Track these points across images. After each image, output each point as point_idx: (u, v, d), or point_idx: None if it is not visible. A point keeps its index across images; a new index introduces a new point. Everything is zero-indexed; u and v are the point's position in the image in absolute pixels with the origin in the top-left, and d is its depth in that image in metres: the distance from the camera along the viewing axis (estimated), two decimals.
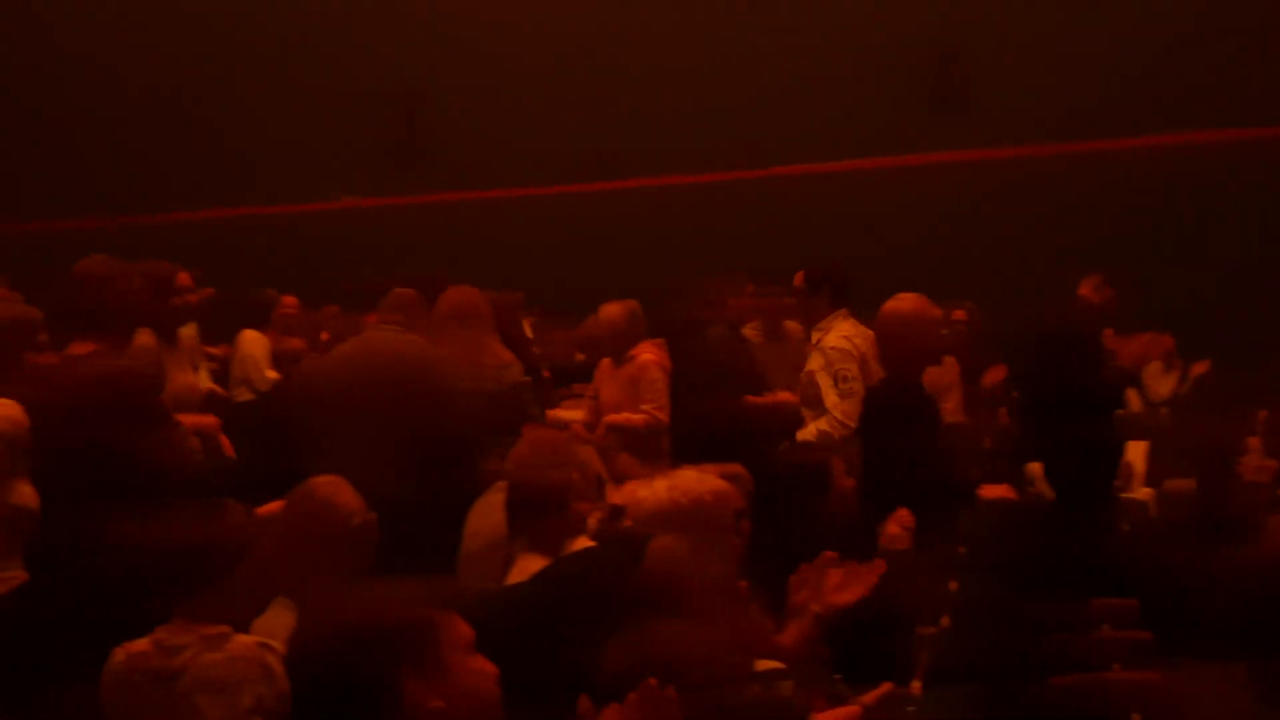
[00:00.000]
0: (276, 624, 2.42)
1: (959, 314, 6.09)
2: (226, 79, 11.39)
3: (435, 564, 2.85)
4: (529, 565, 2.70)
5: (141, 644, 2.04)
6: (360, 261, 8.54)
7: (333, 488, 2.63)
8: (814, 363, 4.69)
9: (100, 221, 10.94)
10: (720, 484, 2.91)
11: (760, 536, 2.90)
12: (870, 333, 4.48)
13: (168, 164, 11.28)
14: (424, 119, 11.26)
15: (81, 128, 11.39)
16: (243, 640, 2.07)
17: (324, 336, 6.45)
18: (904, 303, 4.04)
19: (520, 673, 1.82)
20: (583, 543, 2.74)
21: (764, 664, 2.43)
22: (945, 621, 3.07)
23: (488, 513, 3.00)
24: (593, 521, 2.80)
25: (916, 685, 2.90)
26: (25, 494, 2.74)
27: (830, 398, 4.56)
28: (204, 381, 5.33)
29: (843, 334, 4.72)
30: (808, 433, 4.58)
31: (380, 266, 7.08)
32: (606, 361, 5.48)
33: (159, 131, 11.35)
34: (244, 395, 6.13)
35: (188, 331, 5.29)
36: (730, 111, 10.49)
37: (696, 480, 2.89)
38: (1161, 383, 7.09)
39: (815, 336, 4.88)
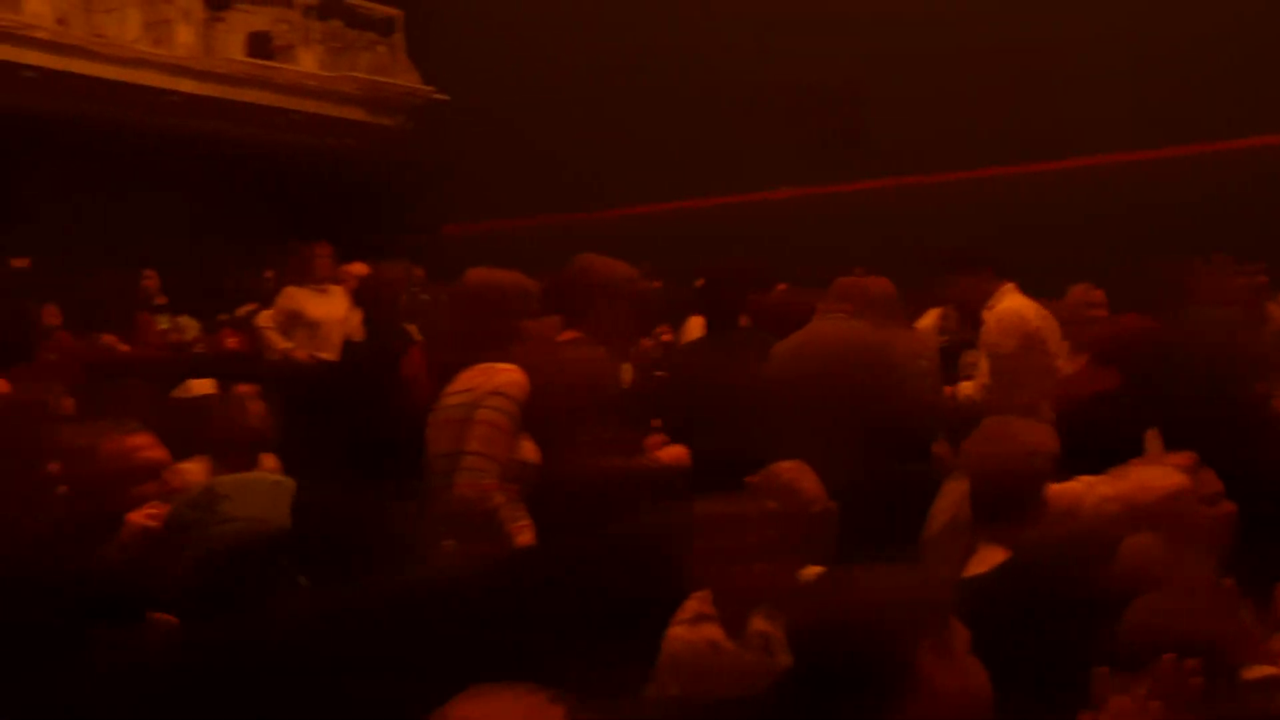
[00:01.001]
0: None
1: None
2: (668, 76, 11.76)
3: (893, 553, 2.84)
4: (990, 556, 2.64)
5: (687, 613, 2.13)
6: (800, 250, 8.64)
7: (796, 474, 2.68)
8: None
9: (550, 219, 11.64)
10: (1181, 479, 2.73)
11: (1243, 535, 2.71)
12: None
13: (612, 161, 11.77)
14: (862, 107, 11.23)
15: (529, 127, 12.05)
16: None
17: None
18: None
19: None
20: (1041, 536, 2.66)
21: (1257, 670, 2.26)
22: None
23: (945, 500, 2.96)
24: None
25: None
26: (529, 450, 3.06)
27: None
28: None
29: None
30: None
31: (820, 255, 7.13)
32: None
33: (604, 128, 11.85)
34: None
35: None
36: (1160, 90, 9.91)
37: (1158, 475, 2.73)
38: None
39: None
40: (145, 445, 2.76)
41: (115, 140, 10.54)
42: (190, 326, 8.94)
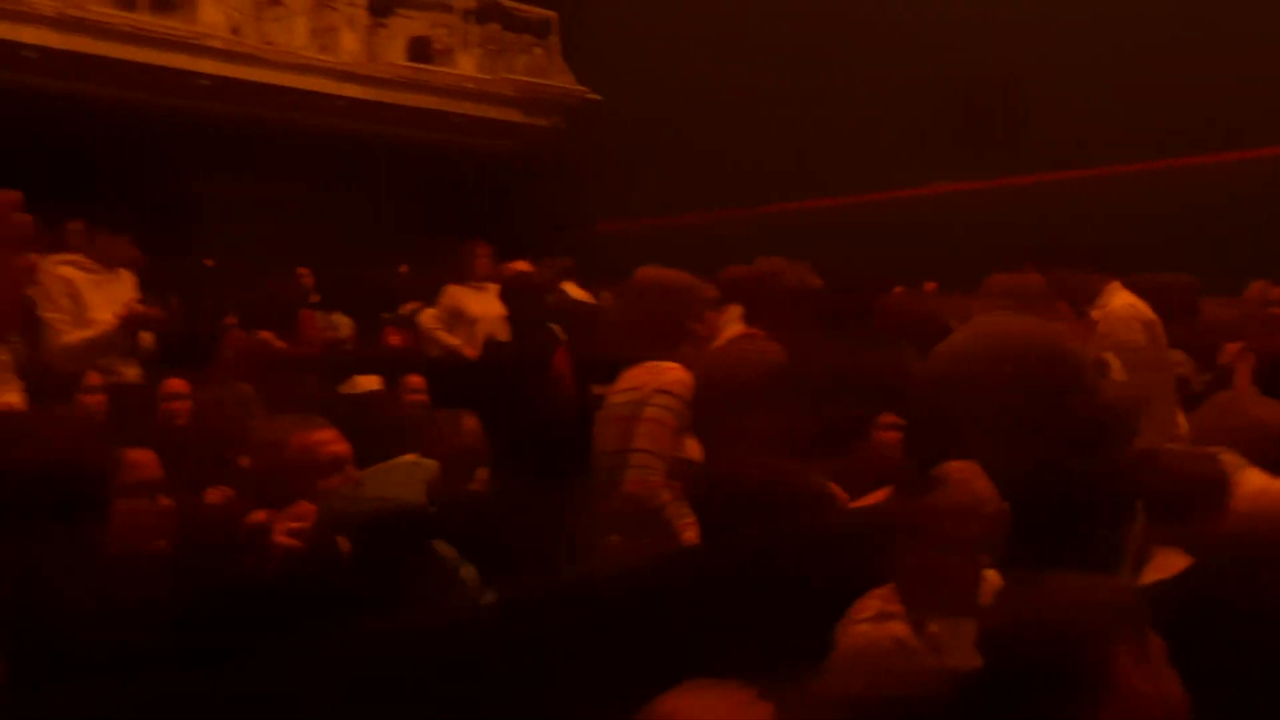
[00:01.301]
0: None
1: None
2: (820, 71, 11.68)
3: (1066, 556, 2.78)
4: (1170, 562, 2.57)
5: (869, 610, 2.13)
6: (955, 245, 8.52)
7: (968, 473, 2.63)
8: None
9: (704, 216, 11.66)
10: None
11: None
12: None
13: (764, 157, 11.74)
14: (1015, 99, 10.99)
15: (682, 125, 12.08)
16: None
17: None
18: None
19: None
20: (1225, 540, 2.58)
21: None
22: None
23: None
24: None
25: None
26: (693, 448, 3.08)
27: None
28: None
29: None
30: None
31: (973, 250, 7.02)
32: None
33: (756, 125, 11.82)
34: None
35: None
36: None
37: None
38: None
39: None
40: (330, 440, 2.84)
41: (282, 143, 10.90)
42: (343, 324, 9.17)
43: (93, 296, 5.31)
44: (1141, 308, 4.60)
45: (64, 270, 5.34)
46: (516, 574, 2.83)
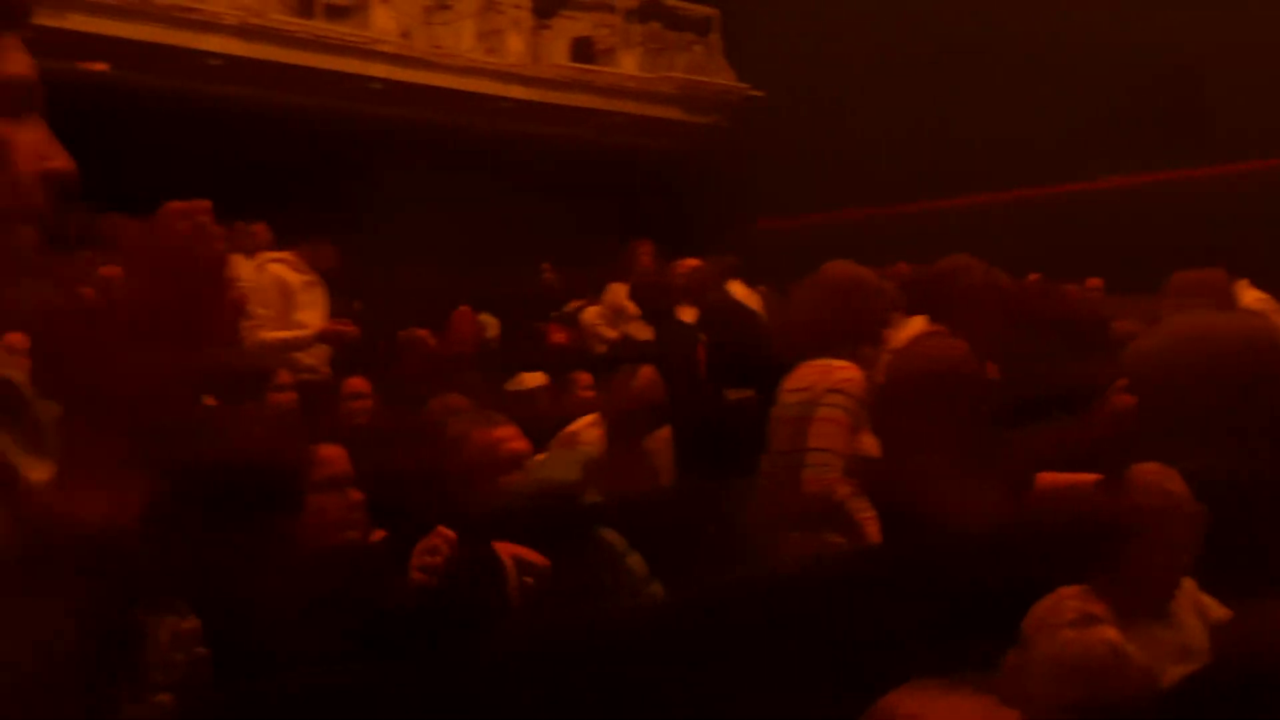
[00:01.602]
0: None
1: None
2: (984, 63, 11.41)
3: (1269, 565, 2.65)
4: None
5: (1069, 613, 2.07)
6: (1136, 240, 8.24)
7: (1161, 475, 2.54)
8: None
9: (866, 212, 11.50)
10: None
11: None
12: None
13: (927, 153, 11.52)
14: (1200, 90, 10.56)
15: (843, 121, 11.93)
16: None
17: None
18: None
19: None
20: None
21: None
22: None
23: None
24: None
25: None
26: (870, 444, 3.05)
27: None
28: None
29: None
30: None
31: (1153, 244, 6.79)
32: None
33: (919, 120, 11.61)
34: None
35: None
36: None
37: None
38: None
39: None
40: (510, 437, 2.88)
41: (447, 146, 11.11)
42: (491, 324, 9.30)
43: (301, 297, 5.48)
44: (1273, 304, 4.46)
45: (276, 268, 5.52)
46: (688, 568, 2.82)
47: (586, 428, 4.38)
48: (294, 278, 5.52)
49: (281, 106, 10.00)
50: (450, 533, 2.35)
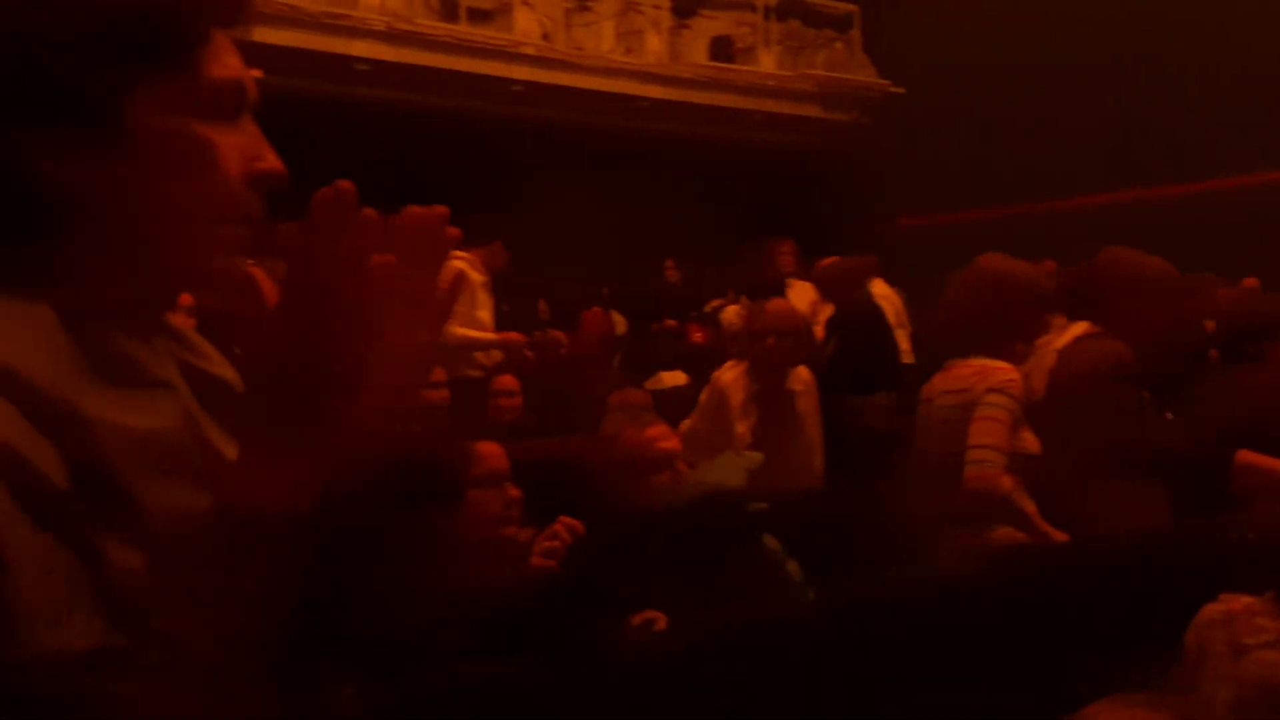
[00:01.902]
0: None
1: None
2: (1129, 56, 11.09)
3: None
4: None
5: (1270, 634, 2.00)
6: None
7: None
8: None
9: (1010, 210, 11.26)
10: None
11: None
12: None
13: (1073, 148, 11.24)
14: None
15: (986, 117, 11.70)
16: None
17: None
18: None
19: None
20: None
21: None
22: None
23: None
24: None
25: None
26: (1031, 442, 3.01)
27: None
28: None
29: None
30: None
31: None
32: None
33: (1064, 115, 11.33)
34: None
35: None
36: None
37: None
38: None
39: None
40: (662, 435, 2.90)
41: (587, 145, 11.20)
42: (620, 322, 9.32)
43: (482, 297, 5.57)
44: None
45: (460, 264, 5.61)
46: (841, 571, 2.80)
47: (730, 370, 4.43)
48: (475, 277, 5.59)
49: (424, 109, 10.19)
50: (574, 522, 2.38)
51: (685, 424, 4.61)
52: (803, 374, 4.70)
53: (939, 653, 2.41)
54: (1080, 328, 3.31)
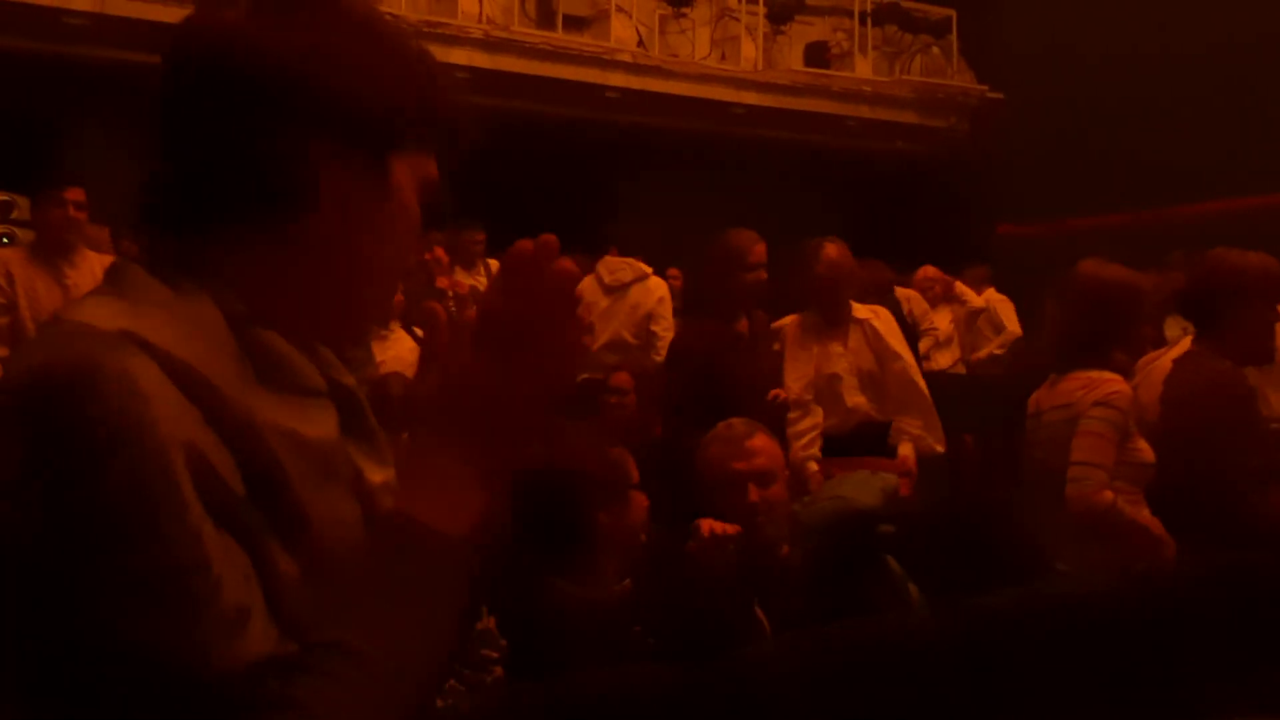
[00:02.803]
0: None
1: None
2: (1242, 54, 10.84)
3: None
4: None
5: None
6: None
7: None
8: None
9: (1114, 219, 11.06)
10: None
11: None
12: None
13: (1176, 153, 11.00)
14: None
15: (1088, 123, 11.50)
16: None
17: None
18: None
19: None
20: None
21: None
22: None
23: None
24: None
25: None
26: (1145, 452, 2.98)
27: None
28: None
29: None
30: None
31: None
32: None
33: (1169, 120, 11.11)
34: None
35: None
36: None
37: None
38: None
39: None
40: (761, 449, 2.89)
41: (682, 152, 11.22)
42: None
43: (599, 313, 5.57)
44: None
45: (586, 281, 5.62)
46: (960, 589, 2.80)
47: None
48: (598, 292, 5.60)
49: (521, 115, 10.28)
50: (731, 527, 2.41)
51: None
52: None
53: (1058, 669, 2.40)
54: (1187, 343, 3.26)
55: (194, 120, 1.07)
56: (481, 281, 6.97)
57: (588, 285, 5.76)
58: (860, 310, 4.73)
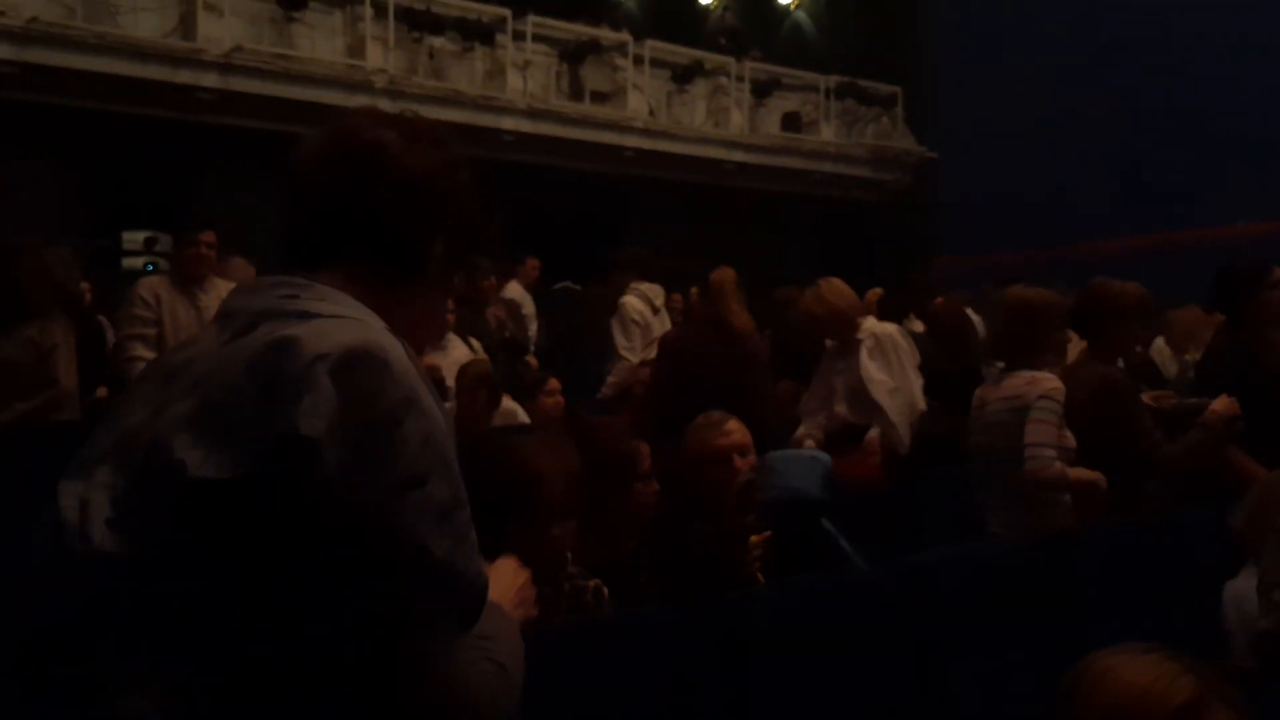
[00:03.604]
0: None
1: None
2: (1121, 122, 10.81)
3: None
4: None
5: None
6: None
7: None
8: None
9: (1033, 254, 11.02)
10: None
11: None
12: None
13: (1075, 200, 10.99)
14: None
15: (1010, 172, 11.47)
16: None
17: None
18: None
19: None
20: None
21: None
22: None
23: None
24: None
25: None
26: (1069, 438, 3.00)
27: None
28: None
29: None
30: None
31: None
32: None
33: (1073, 171, 11.08)
34: None
35: None
36: None
37: None
38: None
39: None
40: (734, 430, 2.86)
41: (685, 200, 11.24)
42: None
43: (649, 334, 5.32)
44: None
45: (636, 302, 5.36)
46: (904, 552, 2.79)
47: None
48: (649, 314, 5.35)
49: (556, 170, 10.31)
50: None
51: None
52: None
53: (984, 608, 2.40)
54: (1081, 348, 3.28)
55: (355, 199, 1.15)
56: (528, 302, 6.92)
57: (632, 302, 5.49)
58: (863, 330, 4.38)
